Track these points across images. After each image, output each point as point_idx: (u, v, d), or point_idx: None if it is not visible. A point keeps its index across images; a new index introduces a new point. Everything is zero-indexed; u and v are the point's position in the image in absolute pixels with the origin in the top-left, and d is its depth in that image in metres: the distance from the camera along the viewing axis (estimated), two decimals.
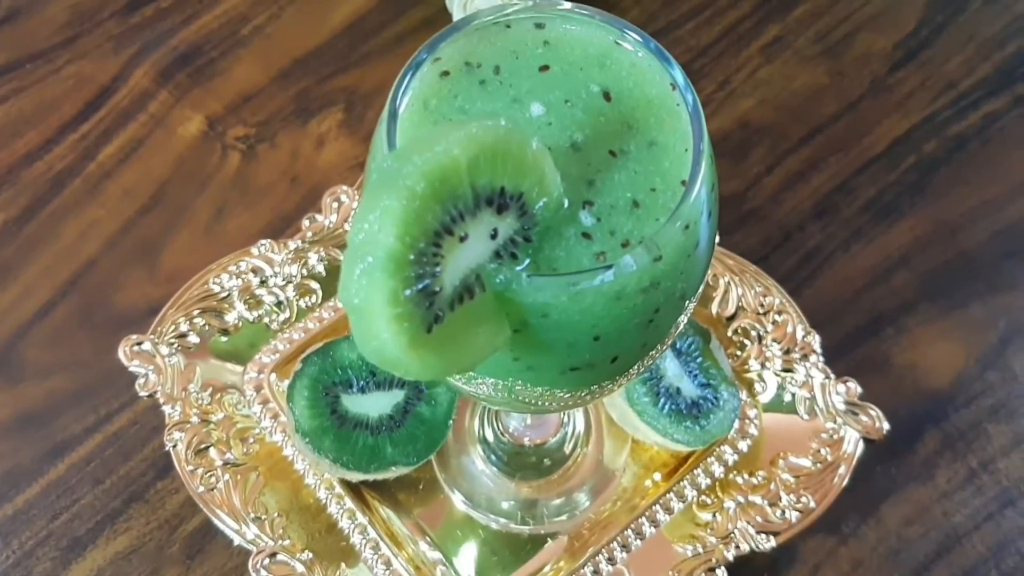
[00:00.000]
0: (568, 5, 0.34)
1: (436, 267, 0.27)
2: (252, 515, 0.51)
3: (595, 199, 0.31)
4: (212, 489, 0.51)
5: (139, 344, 0.54)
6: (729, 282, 0.57)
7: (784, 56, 0.66)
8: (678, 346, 0.53)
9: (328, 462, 0.50)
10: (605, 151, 0.32)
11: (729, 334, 0.56)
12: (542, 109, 0.32)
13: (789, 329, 0.56)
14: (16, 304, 0.58)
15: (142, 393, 0.53)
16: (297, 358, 0.54)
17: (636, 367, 0.35)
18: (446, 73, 0.33)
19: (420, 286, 0.27)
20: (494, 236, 0.29)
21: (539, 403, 0.37)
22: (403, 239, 0.26)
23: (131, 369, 0.54)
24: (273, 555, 0.50)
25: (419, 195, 0.26)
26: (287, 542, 0.50)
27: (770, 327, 0.56)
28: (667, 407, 0.52)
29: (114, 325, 0.57)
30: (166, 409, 0.53)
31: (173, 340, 0.55)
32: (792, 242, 0.60)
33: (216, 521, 0.51)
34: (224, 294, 0.56)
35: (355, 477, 0.51)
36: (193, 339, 0.55)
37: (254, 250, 0.57)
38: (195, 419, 0.53)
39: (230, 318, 0.56)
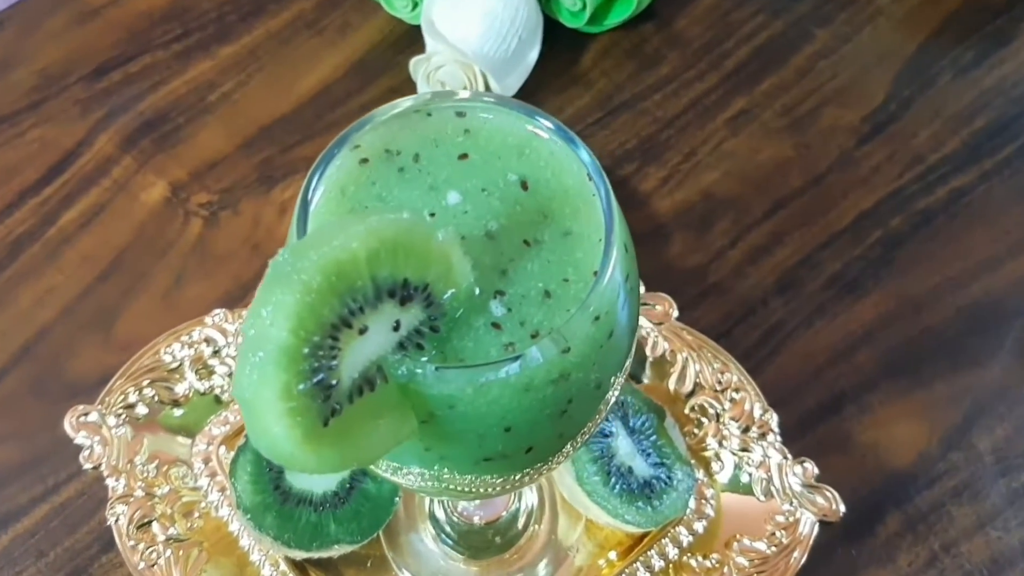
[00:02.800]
0: (491, 96, 0.34)
1: (333, 360, 0.27)
2: None
3: (507, 289, 0.31)
4: (153, 565, 0.51)
5: (86, 415, 0.54)
6: (687, 358, 0.57)
7: (750, 129, 0.67)
8: (631, 424, 0.53)
9: (270, 539, 0.50)
10: (519, 240, 0.32)
11: (686, 411, 0.56)
12: (459, 197, 0.33)
13: (747, 407, 0.55)
14: None
15: (86, 465, 0.53)
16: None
17: (556, 457, 0.35)
18: (365, 160, 0.34)
19: (315, 379, 0.27)
20: (397, 328, 0.29)
21: (472, 490, 0.37)
22: (297, 333, 0.26)
23: (76, 441, 0.54)
24: None
25: (314, 289, 0.27)
26: None
27: (728, 404, 0.56)
28: (618, 487, 0.51)
29: (65, 394, 0.57)
30: (110, 482, 0.53)
31: (121, 411, 0.55)
32: (755, 317, 0.61)
33: None
34: (175, 364, 0.56)
35: (298, 555, 0.51)
36: (142, 410, 0.55)
37: (208, 319, 0.57)
38: (140, 492, 0.53)
39: (180, 388, 0.56)
